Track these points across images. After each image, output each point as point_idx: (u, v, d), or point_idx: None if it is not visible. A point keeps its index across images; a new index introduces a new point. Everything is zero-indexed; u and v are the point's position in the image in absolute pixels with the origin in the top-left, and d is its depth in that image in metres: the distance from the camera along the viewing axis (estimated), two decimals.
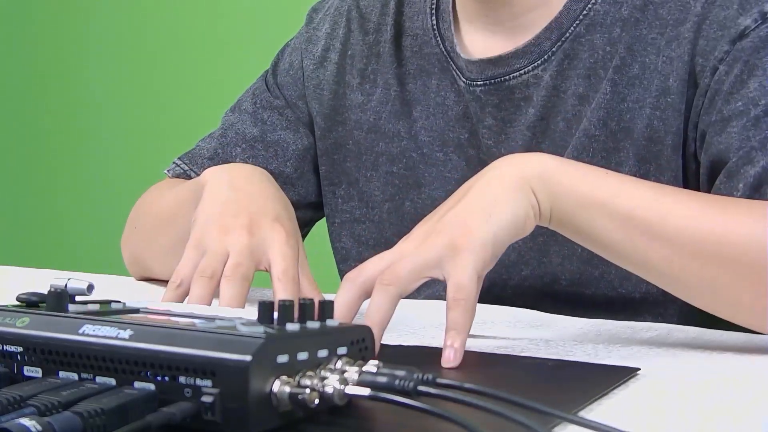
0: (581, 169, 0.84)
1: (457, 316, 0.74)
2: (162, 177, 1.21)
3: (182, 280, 0.84)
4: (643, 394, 0.67)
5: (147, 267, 1.14)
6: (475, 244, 0.76)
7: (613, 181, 0.83)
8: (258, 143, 1.17)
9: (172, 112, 2.72)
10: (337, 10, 1.19)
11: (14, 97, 3.00)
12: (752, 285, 0.79)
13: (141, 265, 1.15)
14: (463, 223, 0.78)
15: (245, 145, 1.17)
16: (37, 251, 2.96)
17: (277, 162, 1.16)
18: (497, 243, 0.77)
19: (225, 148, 1.17)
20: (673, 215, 0.81)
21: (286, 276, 0.83)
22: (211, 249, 0.84)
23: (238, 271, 0.82)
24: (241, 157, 1.17)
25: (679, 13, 0.97)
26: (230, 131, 1.19)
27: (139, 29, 2.78)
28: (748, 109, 0.90)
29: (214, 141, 1.19)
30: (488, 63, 1.03)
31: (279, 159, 1.17)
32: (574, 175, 0.82)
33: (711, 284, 0.80)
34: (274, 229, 0.86)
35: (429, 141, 1.09)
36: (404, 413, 0.54)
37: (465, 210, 0.79)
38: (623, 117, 0.99)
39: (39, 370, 0.58)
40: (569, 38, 1.01)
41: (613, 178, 0.84)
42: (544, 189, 0.80)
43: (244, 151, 1.17)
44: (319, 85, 1.17)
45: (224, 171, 0.97)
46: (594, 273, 1.01)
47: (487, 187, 0.81)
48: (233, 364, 0.52)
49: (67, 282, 0.63)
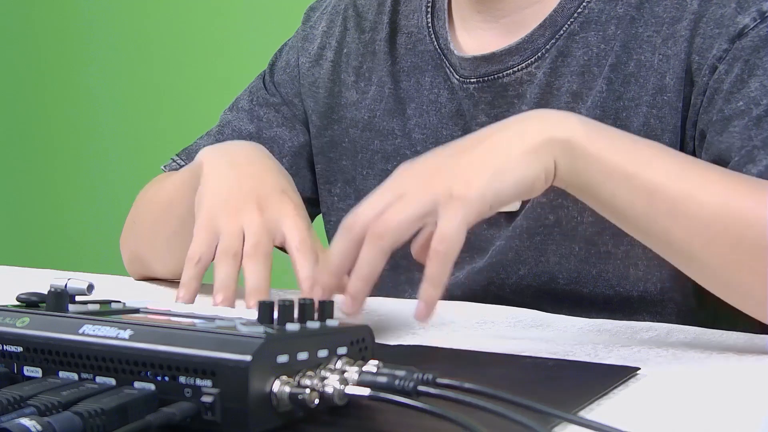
0: (610, 136, 0.81)
1: (434, 269, 0.72)
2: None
3: (200, 257, 0.83)
4: (643, 394, 0.67)
5: (147, 264, 1.14)
6: (473, 195, 0.74)
7: (642, 152, 0.81)
8: (254, 139, 1.17)
9: (172, 112, 2.72)
10: (334, 8, 1.19)
11: (14, 97, 3.00)
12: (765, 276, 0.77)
13: (141, 262, 1.15)
14: (468, 175, 0.76)
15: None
16: (37, 251, 2.96)
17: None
18: (497, 199, 0.76)
19: None
20: (698, 194, 0.79)
21: (304, 245, 0.82)
22: (226, 230, 0.84)
23: (259, 250, 0.82)
24: None
25: (676, 11, 0.97)
26: (227, 128, 1.19)
27: (139, 28, 2.78)
28: (749, 108, 0.90)
29: (211, 138, 1.19)
30: (482, 60, 1.03)
31: (275, 155, 1.16)
32: (603, 143, 0.79)
33: (727, 268, 0.79)
34: (283, 202, 0.86)
35: (422, 139, 1.09)
36: (404, 413, 0.54)
37: (475, 158, 0.77)
38: (619, 115, 0.99)
39: (39, 370, 0.58)
40: (563, 36, 1.01)
41: (642, 149, 0.81)
42: (567, 155, 0.78)
43: None
44: (314, 83, 1.17)
45: (221, 150, 0.97)
46: (591, 272, 1.01)
47: (506, 141, 0.78)
48: (233, 364, 0.52)
49: (67, 282, 0.63)
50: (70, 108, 2.90)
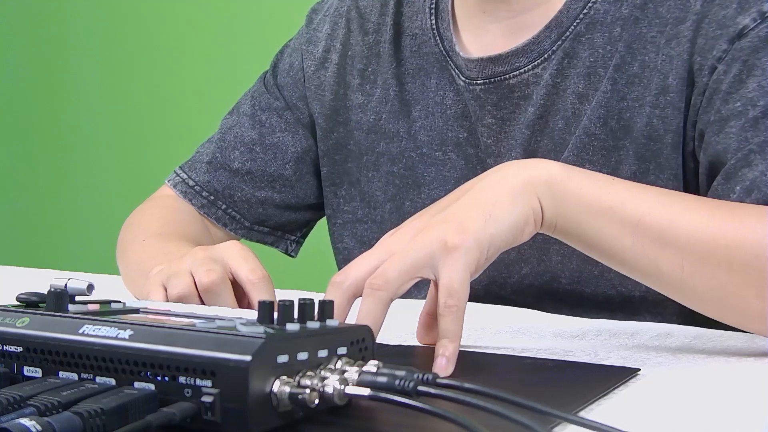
0: (587, 175, 0.81)
1: (449, 324, 0.71)
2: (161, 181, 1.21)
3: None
4: (643, 394, 0.67)
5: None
6: (470, 244, 0.73)
7: (621, 188, 0.81)
8: (256, 146, 1.17)
9: (171, 114, 2.72)
10: (337, 10, 1.19)
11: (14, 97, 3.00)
12: (762, 291, 0.77)
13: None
14: (459, 220, 0.74)
15: (243, 148, 1.17)
16: (37, 251, 2.96)
17: (276, 165, 1.17)
18: (493, 245, 0.75)
19: (223, 152, 1.18)
20: (682, 220, 0.79)
21: (255, 275, 0.80)
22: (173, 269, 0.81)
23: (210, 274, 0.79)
24: (240, 160, 1.17)
25: (679, 11, 0.97)
26: (228, 134, 1.19)
27: (137, 29, 2.78)
28: (746, 109, 0.90)
29: (212, 145, 1.19)
30: (488, 62, 1.03)
31: (278, 161, 1.17)
32: (581, 181, 0.80)
33: (720, 290, 0.78)
34: (225, 244, 0.84)
35: (428, 140, 1.09)
36: (404, 413, 0.54)
37: (462, 207, 0.76)
38: (623, 115, 0.99)
39: (39, 370, 0.57)
40: (569, 37, 1.01)
41: (620, 185, 0.81)
42: (550, 195, 0.78)
43: (243, 155, 1.17)
44: (320, 86, 1.17)
45: None
46: (594, 271, 1.01)
47: (489, 187, 0.78)
48: (233, 364, 0.52)
49: (67, 282, 0.63)
50: (72, 108, 2.90)
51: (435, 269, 0.73)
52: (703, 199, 0.84)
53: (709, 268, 0.78)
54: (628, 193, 0.80)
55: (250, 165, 1.16)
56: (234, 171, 1.17)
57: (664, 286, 0.81)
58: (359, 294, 0.73)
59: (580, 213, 0.79)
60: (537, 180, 0.78)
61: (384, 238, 0.78)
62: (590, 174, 0.82)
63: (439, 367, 0.70)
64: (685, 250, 0.78)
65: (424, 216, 0.78)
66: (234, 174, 1.17)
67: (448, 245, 0.73)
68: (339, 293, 0.74)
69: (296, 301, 0.59)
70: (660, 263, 0.79)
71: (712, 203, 0.83)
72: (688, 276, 0.78)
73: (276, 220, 1.19)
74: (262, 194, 1.17)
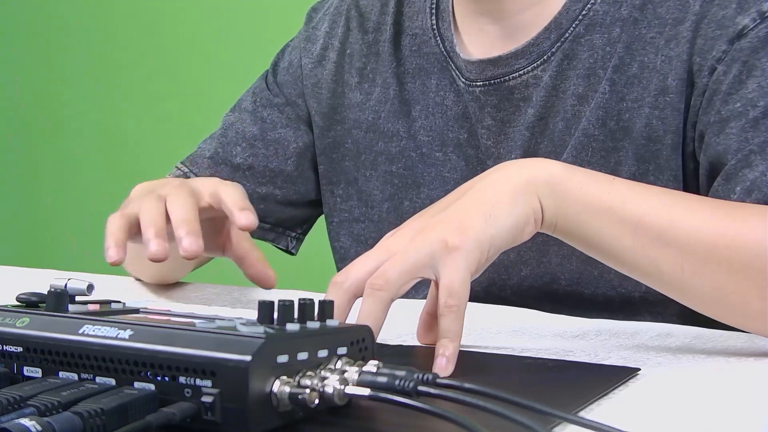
0: (588, 175, 0.81)
1: (450, 324, 0.71)
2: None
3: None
4: (643, 394, 0.67)
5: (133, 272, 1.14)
6: (470, 244, 0.73)
7: (621, 187, 0.80)
8: (258, 141, 1.17)
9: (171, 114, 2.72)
10: (337, 9, 1.19)
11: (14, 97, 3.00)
12: (763, 291, 0.77)
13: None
14: (459, 220, 0.74)
15: (245, 143, 1.17)
16: (37, 251, 2.96)
17: (277, 160, 1.17)
18: (493, 245, 0.75)
19: (225, 148, 1.18)
20: (683, 220, 0.79)
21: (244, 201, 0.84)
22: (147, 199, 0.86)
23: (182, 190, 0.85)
24: (242, 155, 1.17)
25: (678, 12, 0.97)
26: (230, 130, 1.19)
27: (137, 29, 2.78)
28: (746, 110, 0.90)
29: (214, 141, 1.19)
30: (488, 63, 1.03)
31: (279, 157, 1.17)
32: (582, 181, 0.80)
33: (721, 290, 0.78)
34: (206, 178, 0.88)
35: (428, 141, 1.09)
36: (404, 413, 0.54)
37: (463, 207, 0.76)
38: (622, 116, 0.98)
39: (39, 370, 0.57)
40: (569, 38, 1.01)
41: (620, 184, 0.81)
42: (550, 195, 0.78)
43: (244, 150, 1.17)
44: (317, 83, 1.17)
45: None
46: (593, 272, 1.01)
47: (489, 187, 0.78)
48: (233, 364, 0.52)
49: (67, 282, 0.63)
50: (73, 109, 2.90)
51: (435, 269, 0.73)
52: (704, 199, 0.84)
53: (709, 268, 0.78)
54: (629, 192, 0.80)
55: (251, 160, 1.16)
56: (235, 166, 1.17)
57: (664, 286, 0.81)
58: (360, 294, 0.73)
59: (581, 213, 0.79)
60: (537, 180, 0.78)
61: (384, 239, 0.78)
62: (591, 173, 0.82)
63: (439, 367, 0.70)
64: (685, 249, 0.78)
65: (424, 216, 0.79)
66: (235, 169, 1.17)
67: (448, 245, 0.73)
68: (340, 293, 0.74)
69: (296, 301, 0.59)
70: (660, 263, 0.79)
71: (712, 203, 0.83)
72: (688, 276, 0.78)
73: (277, 216, 1.19)
74: (263, 190, 1.17)
